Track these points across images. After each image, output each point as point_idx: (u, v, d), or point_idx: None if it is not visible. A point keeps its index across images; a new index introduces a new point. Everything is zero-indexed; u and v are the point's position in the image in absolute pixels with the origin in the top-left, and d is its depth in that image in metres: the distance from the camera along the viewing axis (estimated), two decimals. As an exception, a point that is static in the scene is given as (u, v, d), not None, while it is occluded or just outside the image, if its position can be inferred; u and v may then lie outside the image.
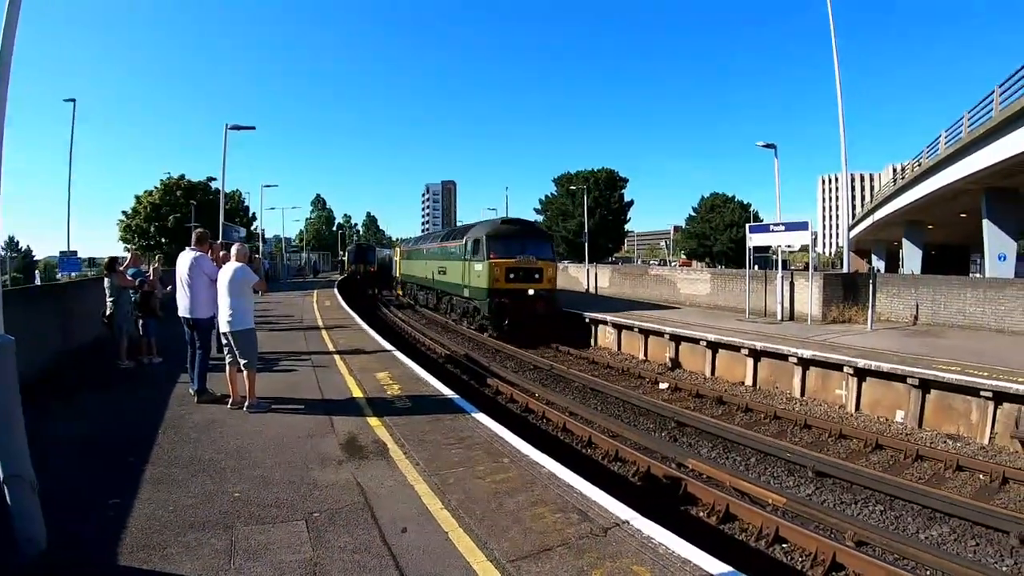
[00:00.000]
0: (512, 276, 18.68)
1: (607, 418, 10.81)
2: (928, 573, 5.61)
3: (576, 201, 56.55)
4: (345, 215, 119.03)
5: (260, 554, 3.78)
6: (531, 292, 18.82)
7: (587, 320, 20.12)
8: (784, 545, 6.19)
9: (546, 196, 66.26)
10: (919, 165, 30.64)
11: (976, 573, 5.55)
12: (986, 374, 9.92)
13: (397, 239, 69.37)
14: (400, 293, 37.57)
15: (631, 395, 12.51)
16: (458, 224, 49.51)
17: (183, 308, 7.57)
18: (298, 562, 3.69)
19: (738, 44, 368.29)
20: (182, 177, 53.01)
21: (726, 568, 3.82)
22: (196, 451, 5.72)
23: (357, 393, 8.30)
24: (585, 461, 8.60)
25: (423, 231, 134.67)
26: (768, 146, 21.41)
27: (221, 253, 8.26)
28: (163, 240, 49.51)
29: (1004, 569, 5.83)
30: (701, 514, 6.95)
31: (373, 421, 6.89)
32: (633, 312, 20.43)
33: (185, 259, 7.54)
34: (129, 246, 48.21)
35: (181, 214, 48.61)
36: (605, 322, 19.31)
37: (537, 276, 19.11)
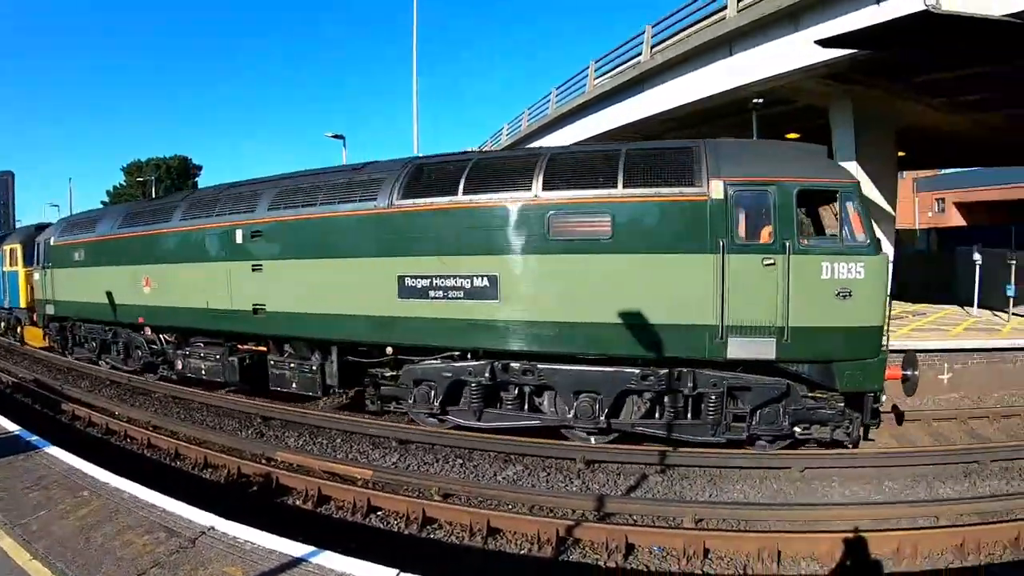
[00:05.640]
0: None
1: (192, 426, 9.90)
2: (508, 507, 6.64)
3: (147, 191, 52.37)
4: None
5: None
6: None
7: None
8: (379, 513, 6.63)
9: (115, 187, 61.97)
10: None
11: (550, 497, 6.84)
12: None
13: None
14: (45, 343, 16.81)
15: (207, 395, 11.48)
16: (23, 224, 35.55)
17: None
18: None
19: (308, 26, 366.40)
20: None
21: (309, 548, 4.23)
22: None
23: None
24: (175, 474, 8.16)
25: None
26: (337, 136, 22.12)
27: None
28: None
29: (574, 488, 7.29)
30: (297, 502, 7.02)
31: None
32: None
33: None
34: None
35: None
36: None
37: None
